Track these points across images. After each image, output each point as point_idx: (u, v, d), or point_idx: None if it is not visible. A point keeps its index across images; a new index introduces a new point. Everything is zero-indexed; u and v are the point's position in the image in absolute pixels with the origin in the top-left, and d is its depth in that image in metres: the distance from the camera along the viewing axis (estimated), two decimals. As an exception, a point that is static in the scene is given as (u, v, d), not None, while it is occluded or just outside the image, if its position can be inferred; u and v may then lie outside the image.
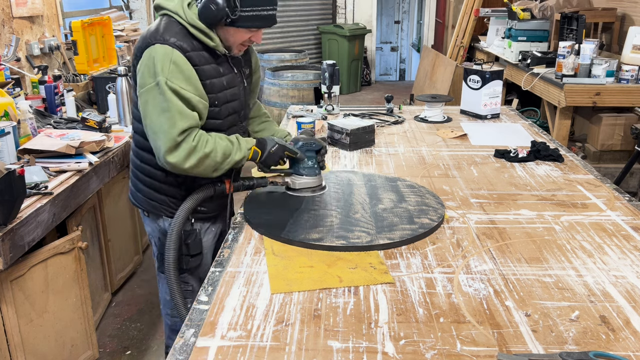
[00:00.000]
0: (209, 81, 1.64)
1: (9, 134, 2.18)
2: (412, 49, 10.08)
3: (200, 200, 1.66)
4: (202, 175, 1.64)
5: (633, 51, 3.89)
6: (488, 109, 2.96)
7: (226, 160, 1.63)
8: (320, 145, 1.82)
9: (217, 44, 1.64)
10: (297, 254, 1.48)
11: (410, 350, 1.09)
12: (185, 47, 1.57)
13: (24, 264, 1.95)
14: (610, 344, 1.12)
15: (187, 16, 1.60)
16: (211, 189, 1.69)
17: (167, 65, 1.54)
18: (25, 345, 1.98)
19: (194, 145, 1.57)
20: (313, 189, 1.83)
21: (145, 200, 1.82)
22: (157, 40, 1.56)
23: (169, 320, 1.96)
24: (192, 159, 1.57)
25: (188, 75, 1.57)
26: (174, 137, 1.54)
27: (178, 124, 1.54)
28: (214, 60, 1.66)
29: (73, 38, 3.48)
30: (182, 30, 1.60)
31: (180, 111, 1.54)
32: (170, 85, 1.53)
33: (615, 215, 1.75)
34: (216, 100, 1.68)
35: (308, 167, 1.81)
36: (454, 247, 1.54)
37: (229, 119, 1.76)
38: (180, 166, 1.57)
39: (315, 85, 5.31)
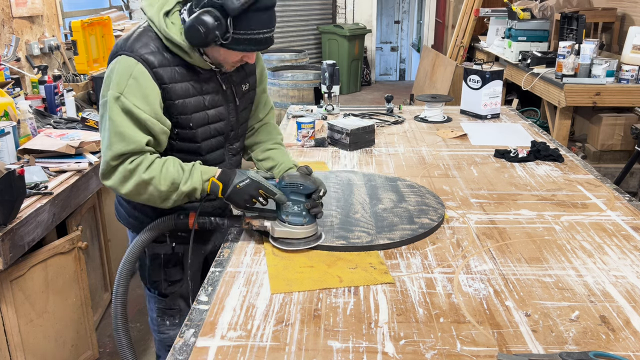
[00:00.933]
0: (180, 101, 1.46)
1: (9, 134, 2.18)
2: (412, 49, 10.08)
3: (156, 233, 1.51)
4: (151, 204, 1.48)
5: (633, 51, 3.89)
6: (488, 109, 2.96)
7: (175, 191, 1.44)
8: (311, 189, 1.46)
9: (195, 59, 1.46)
10: (297, 254, 1.48)
11: (410, 350, 1.09)
12: (152, 61, 1.41)
13: (24, 264, 1.95)
14: (610, 344, 1.12)
15: (160, 27, 1.43)
16: (171, 221, 1.51)
17: (125, 80, 1.39)
18: (25, 345, 1.98)
19: (130, 169, 1.40)
20: (297, 241, 1.48)
21: (125, 216, 1.72)
22: (124, 51, 1.42)
23: (157, 337, 1.89)
24: (129, 185, 1.41)
25: (147, 93, 1.40)
26: (107, 161, 1.41)
27: (114, 147, 1.39)
28: (192, 77, 1.48)
29: (73, 38, 3.48)
30: (156, 42, 1.44)
31: (119, 133, 1.39)
32: (123, 102, 1.38)
33: (615, 215, 1.75)
34: (190, 122, 1.50)
35: (292, 214, 1.47)
36: (454, 247, 1.54)
37: (210, 142, 1.57)
38: (117, 191, 1.44)
39: (315, 85, 5.31)
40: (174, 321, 1.82)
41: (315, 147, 2.48)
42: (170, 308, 1.79)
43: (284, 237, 1.49)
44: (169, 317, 1.81)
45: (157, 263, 1.67)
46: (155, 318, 1.83)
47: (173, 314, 1.81)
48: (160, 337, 1.86)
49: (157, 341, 1.91)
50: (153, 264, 1.68)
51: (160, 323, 1.83)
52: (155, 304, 1.80)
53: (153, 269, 1.69)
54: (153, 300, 1.80)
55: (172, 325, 1.83)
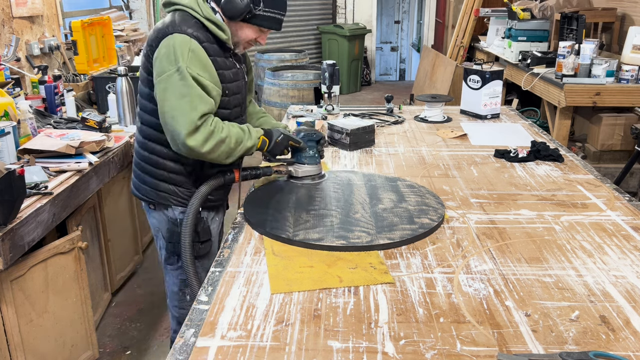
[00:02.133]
0: (221, 72, 1.72)
1: (9, 134, 2.18)
2: (412, 49, 10.08)
3: (212, 188, 1.73)
4: (215, 160, 1.70)
5: (633, 51, 3.89)
6: (488, 109, 2.96)
7: (239, 147, 1.70)
8: (321, 136, 1.92)
9: (228, 37, 1.72)
10: (297, 254, 1.48)
11: (410, 350, 1.09)
12: (201, 37, 1.66)
13: (24, 264, 1.95)
14: (610, 344, 1.12)
15: (202, 10, 1.69)
16: (221, 178, 1.76)
17: (186, 53, 1.61)
18: (25, 345, 1.98)
19: (212, 129, 1.63)
20: (313, 176, 1.94)
21: (152, 191, 1.84)
22: (175, 30, 1.63)
23: (176, 313, 1.98)
24: (210, 143, 1.63)
25: (205, 63, 1.64)
26: (194, 120, 1.59)
27: (199, 108, 1.60)
28: (223, 53, 1.75)
29: (73, 38, 3.48)
30: (196, 24, 1.68)
31: (200, 95, 1.61)
32: (190, 72, 1.60)
33: (615, 215, 1.75)
34: (227, 90, 1.76)
35: (309, 157, 1.92)
36: (454, 247, 1.54)
37: (235, 109, 1.84)
38: (198, 150, 1.62)
39: (315, 85, 5.31)
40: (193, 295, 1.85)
41: (315, 147, 2.48)
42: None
43: (305, 175, 1.93)
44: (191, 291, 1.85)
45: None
46: (176, 292, 1.94)
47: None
48: (180, 313, 1.96)
49: (175, 319, 2.00)
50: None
51: (181, 297, 1.94)
52: (177, 277, 1.91)
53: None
54: (175, 274, 1.91)
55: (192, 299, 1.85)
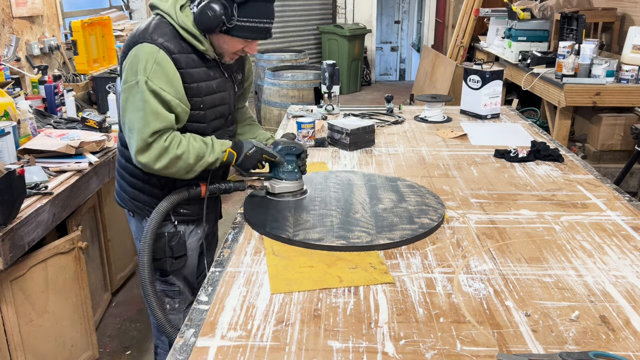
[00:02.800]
0: (195, 84, 1.63)
1: (9, 134, 2.18)
2: (412, 49, 10.08)
3: (173, 203, 1.65)
4: (175, 176, 1.64)
5: (633, 51, 3.89)
6: (488, 109, 2.96)
7: (199, 162, 1.62)
8: (301, 149, 1.79)
9: (206, 48, 1.63)
10: (297, 254, 1.48)
11: (410, 350, 1.09)
12: (172, 48, 1.57)
13: (24, 264, 1.95)
14: (610, 344, 1.12)
15: (178, 18, 1.59)
16: (185, 192, 1.67)
17: (150, 65, 1.53)
18: (25, 345, 1.98)
19: (166, 146, 1.56)
20: (293, 193, 1.80)
21: (129, 200, 1.81)
22: (145, 39, 1.56)
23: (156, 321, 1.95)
24: (163, 160, 1.56)
25: (170, 77, 1.56)
26: (145, 138, 1.54)
27: (151, 125, 1.53)
28: (202, 64, 1.65)
29: (73, 38, 3.48)
30: (172, 32, 1.59)
31: (154, 112, 1.54)
32: (150, 86, 1.53)
33: (615, 215, 1.75)
34: (201, 103, 1.67)
35: (288, 172, 1.79)
36: (454, 247, 1.54)
37: (214, 122, 1.75)
38: (151, 166, 1.57)
39: (315, 85, 5.31)
40: (173, 305, 1.87)
41: (315, 147, 2.48)
42: (171, 290, 1.86)
43: (282, 191, 1.79)
44: (170, 300, 1.87)
45: (162, 241, 1.76)
46: None
47: (173, 295, 1.87)
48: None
49: (156, 327, 1.94)
50: (158, 242, 1.75)
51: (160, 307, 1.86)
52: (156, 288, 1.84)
53: (157, 247, 1.75)
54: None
55: (172, 309, 1.87)
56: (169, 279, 1.84)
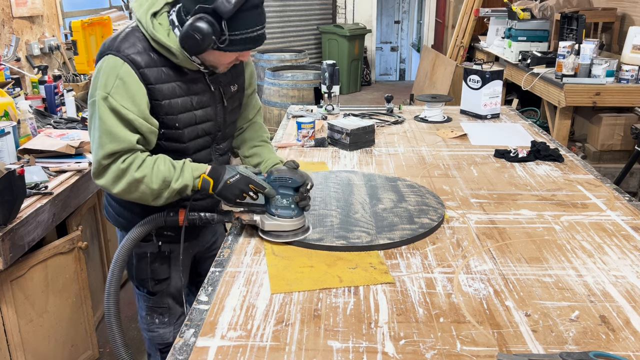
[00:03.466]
0: (166, 102, 1.47)
1: (9, 134, 2.18)
2: (412, 49, 10.08)
3: (147, 231, 1.51)
4: (142, 202, 1.48)
5: (633, 51, 3.89)
6: (488, 109, 2.96)
7: (167, 189, 1.45)
8: (299, 183, 1.49)
9: (181, 60, 1.46)
10: (297, 254, 1.48)
11: (410, 350, 1.09)
12: (139, 61, 1.42)
13: (24, 264, 1.95)
14: (610, 344, 1.12)
15: (148, 28, 1.43)
16: (161, 218, 1.52)
17: (112, 81, 1.40)
18: (25, 345, 1.98)
19: (123, 168, 1.42)
20: (286, 233, 1.52)
21: (114, 215, 1.73)
22: (111, 51, 1.42)
23: (147, 335, 1.89)
24: (121, 184, 1.43)
25: (133, 93, 1.41)
26: (99, 160, 1.42)
27: (105, 147, 1.41)
28: (178, 77, 1.49)
29: (73, 38, 3.48)
30: (143, 42, 1.44)
31: (109, 132, 1.40)
32: (110, 102, 1.39)
33: (615, 215, 1.75)
34: (176, 122, 1.51)
35: (282, 207, 1.51)
36: (454, 247, 1.54)
37: (197, 141, 1.59)
38: (109, 190, 1.45)
39: (315, 85, 5.31)
40: (163, 319, 1.83)
41: (315, 147, 2.48)
42: (159, 306, 1.80)
43: (274, 230, 1.53)
44: (158, 316, 1.82)
45: (144, 262, 1.68)
46: (144, 316, 1.84)
47: (162, 312, 1.82)
48: (150, 335, 1.87)
49: (147, 340, 1.91)
50: (140, 263, 1.69)
51: (149, 321, 1.84)
52: (144, 302, 1.81)
53: (140, 268, 1.70)
54: (142, 299, 1.81)
55: (162, 323, 1.84)
56: (155, 297, 1.78)
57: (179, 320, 1.86)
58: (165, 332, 1.85)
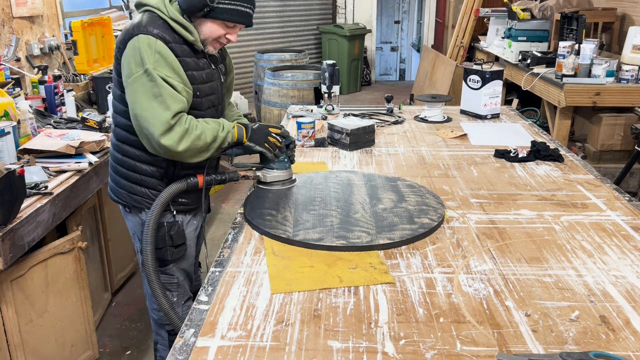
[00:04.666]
0: (191, 72, 1.70)
1: (9, 134, 2.18)
2: (412, 49, 10.08)
3: (173, 194, 1.71)
4: (191, 158, 1.68)
5: (633, 51, 3.89)
6: (488, 109, 2.96)
7: (215, 140, 1.69)
8: (291, 140, 1.87)
9: (195, 38, 1.69)
10: (297, 254, 1.48)
11: (410, 350, 1.09)
12: (167, 38, 1.63)
13: (24, 264, 1.95)
14: (610, 344, 1.12)
15: (168, 11, 1.66)
16: (184, 182, 1.73)
17: (152, 55, 1.59)
18: (25, 345, 1.98)
19: (186, 127, 1.62)
20: (283, 181, 1.89)
21: (127, 194, 1.83)
22: (141, 32, 1.61)
23: (155, 315, 1.96)
24: (185, 142, 1.62)
25: (172, 64, 1.62)
26: (167, 120, 1.58)
27: (171, 107, 1.59)
28: (193, 54, 1.72)
29: (73, 38, 3.48)
30: (164, 24, 1.65)
31: (171, 95, 1.60)
32: (159, 73, 1.59)
33: (615, 215, 1.75)
34: (198, 91, 1.73)
35: (278, 161, 1.86)
36: (454, 247, 1.54)
37: (209, 111, 1.81)
38: (174, 149, 1.61)
39: (315, 85, 5.31)
40: (172, 298, 1.89)
41: (315, 147, 2.48)
42: (170, 282, 1.88)
43: (274, 180, 1.87)
44: (169, 293, 1.87)
45: (162, 230, 1.79)
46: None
47: (172, 288, 1.89)
48: (159, 315, 1.93)
49: (155, 321, 1.97)
50: (158, 232, 1.77)
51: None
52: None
53: (158, 237, 1.78)
54: None
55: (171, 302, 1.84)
56: (169, 269, 1.86)
57: (187, 302, 1.94)
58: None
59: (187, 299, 1.95)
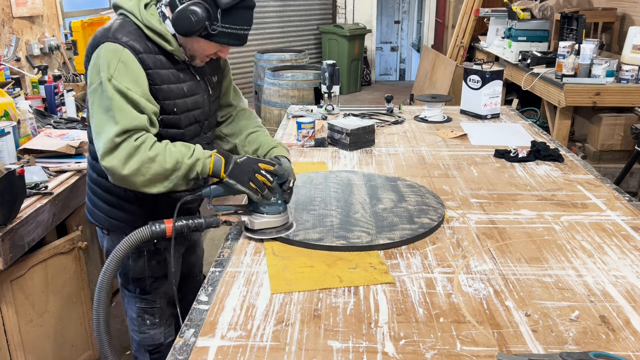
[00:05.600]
0: (166, 86, 1.52)
1: (9, 134, 2.18)
2: (412, 49, 10.09)
3: (132, 246, 1.36)
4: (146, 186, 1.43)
5: (633, 51, 3.89)
6: (488, 109, 2.96)
7: (178, 167, 1.43)
8: (285, 178, 1.53)
9: (174, 48, 1.52)
10: (297, 254, 1.48)
11: (410, 350, 1.09)
12: (137, 47, 1.46)
13: (24, 264, 1.95)
14: (610, 344, 1.12)
15: (142, 17, 1.49)
16: (146, 230, 1.38)
17: (114, 64, 1.42)
18: (25, 345, 1.98)
19: (136, 145, 1.39)
20: (277, 229, 1.53)
21: (104, 218, 1.67)
22: (108, 39, 1.45)
23: (137, 337, 1.85)
24: (133, 163, 1.38)
25: (136, 76, 1.44)
26: (112, 138, 1.38)
27: (119, 123, 1.39)
28: (172, 66, 1.54)
29: (73, 38, 3.48)
30: (136, 31, 1.49)
31: (121, 109, 1.40)
32: (114, 84, 1.41)
33: (615, 215, 1.75)
34: (175, 107, 1.55)
35: (269, 204, 1.51)
36: (454, 247, 1.54)
37: (190, 128, 1.62)
38: (118, 171, 1.39)
39: (315, 85, 5.31)
40: (154, 320, 1.81)
41: (315, 147, 2.48)
42: (152, 307, 1.79)
43: (264, 227, 1.53)
44: (150, 316, 1.81)
45: (141, 260, 1.68)
46: (135, 318, 1.81)
47: (154, 312, 1.80)
48: (140, 337, 1.84)
49: (136, 342, 1.87)
50: (137, 262, 1.68)
51: (140, 323, 1.81)
52: (135, 304, 1.79)
53: (137, 267, 1.69)
54: (133, 301, 1.79)
55: (152, 324, 1.82)
56: (149, 297, 1.77)
57: (168, 320, 1.86)
58: (156, 332, 1.83)
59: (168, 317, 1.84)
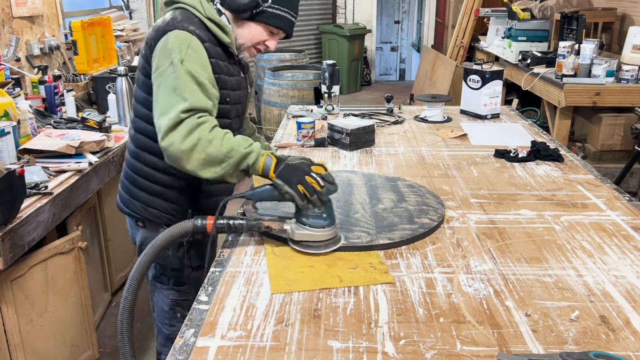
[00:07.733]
0: (223, 76, 1.59)
1: (9, 134, 2.19)
2: (412, 49, 10.09)
3: (172, 238, 1.35)
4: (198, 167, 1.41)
5: (633, 51, 3.89)
6: (488, 109, 2.96)
7: (232, 154, 1.41)
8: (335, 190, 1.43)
9: (232, 40, 1.60)
10: (297, 254, 1.48)
11: (410, 350, 1.09)
12: (203, 37, 1.54)
13: (24, 264, 1.95)
14: (610, 344, 1.12)
15: (205, 10, 1.57)
16: (190, 224, 1.37)
17: (185, 49, 1.48)
18: (25, 345, 1.98)
19: (198, 122, 1.40)
20: (317, 244, 1.43)
21: (142, 207, 1.68)
22: (176, 27, 1.51)
23: (167, 330, 1.86)
24: (191, 138, 1.38)
25: (204, 62, 1.51)
26: (177, 114, 1.39)
27: (188, 100, 1.41)
28: (226, 58, 1.63)
29: (73, 38, 3.48)
30: (199, 23, 1.56)
31: (191, 90, 1.44)
32: (186, 66, 1.45)
33: (615, 215, 1.75)
34: (228, 97, 1.62)
35: (312, 216, 1.41)
36: (454, 247, 1.54)
37: (236, 120, 1.70)
38: (177, 146, 1.38)
39: (315, 85, 5.31)
40: (184, 313, 1.81)
41: (315, 147, 2.48)
42: (185, 299, 1.81)
43: (305, 240, 1.43)
44: (181, 309, 1.82)
45: (181, 250, 1.70)
46: (167, 311, 1.83)
47: (185, 305, 1.81)
48: (171, 330, 1.85)
49: (165, 336, 1.88)
50: (177, 252, 1.70)
51: (171, 316, 1.83)
52: (168, 297, 1.80)
53: (176, 257, 1.71)
54: (166, 293, 1.80)
55: (183, 317, 1.81)
56: (184, 289, 1.79)
57: None
58: None
59: None
